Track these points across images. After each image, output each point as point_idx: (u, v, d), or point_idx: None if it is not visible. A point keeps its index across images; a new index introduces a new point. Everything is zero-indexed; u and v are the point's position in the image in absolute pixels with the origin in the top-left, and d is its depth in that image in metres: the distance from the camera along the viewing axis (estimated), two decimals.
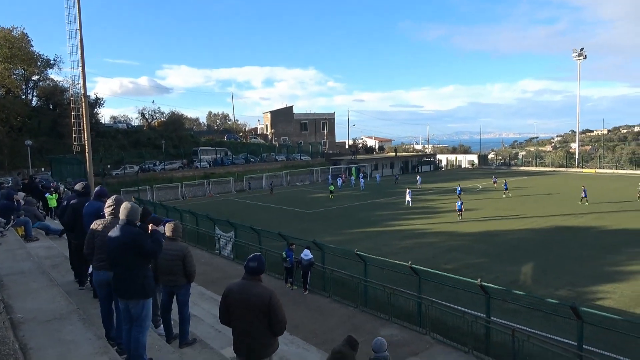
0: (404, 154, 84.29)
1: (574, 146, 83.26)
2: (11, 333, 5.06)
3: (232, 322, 4.87)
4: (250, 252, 16.05)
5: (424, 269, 12.52)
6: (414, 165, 73.98)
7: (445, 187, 47.01)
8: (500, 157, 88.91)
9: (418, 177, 52.64)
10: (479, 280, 10.69)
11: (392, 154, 79.66)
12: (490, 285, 10.99)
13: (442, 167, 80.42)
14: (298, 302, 13.68)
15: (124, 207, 5.46)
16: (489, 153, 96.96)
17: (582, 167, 68.16)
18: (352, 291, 13.56)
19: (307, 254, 14.58)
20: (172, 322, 7.09)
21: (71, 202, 8.28)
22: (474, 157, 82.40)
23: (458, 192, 37.69)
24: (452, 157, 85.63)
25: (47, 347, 5.16)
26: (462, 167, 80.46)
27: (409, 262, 12.26)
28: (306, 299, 14.06)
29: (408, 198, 37.02)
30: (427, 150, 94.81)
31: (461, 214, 29.64)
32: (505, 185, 41.60)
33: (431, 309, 11.20)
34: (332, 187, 43.23)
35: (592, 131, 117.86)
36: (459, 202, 30.36)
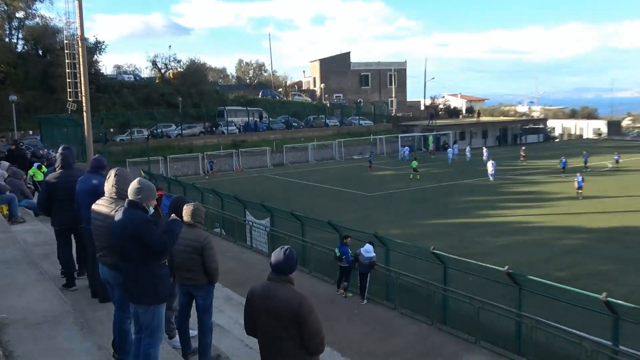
0: (501, 118, 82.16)
1: None
2: None
3: (257, 334, 4.94)
4: (291, 245, 16.28)
5: (527, 276, 12.26)
6: (515, 134, 72.00)
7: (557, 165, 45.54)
8: (639, 125, 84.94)
9: (485, 150, 51.41)
10: (605, 295, 10.34)
11: (480, 119, 77.39)
12: (621, 302, 10.61)
13: (556, 137, 77.80)
14: (353, 314, 13.78)
15: (131, 185, 5.63)
16: (624, 118, 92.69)
17: None
18: (426, 303, 13.50)
19: (368, 251, 14.63)
20: (190, 333, 7.31)
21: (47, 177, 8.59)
22: (601, 124, 79.18)
23: (563, 165, 40.79)
24: (569, 123, 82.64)
25: (36, 355, 5.47)
26: (584, 137, 77.52)
27: (506, 267, 12.04)
28: (364, 310, 14.14)
29: (490, 170, 38.97)
30: (534, 114, 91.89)
31: (580, 192, 31.63)
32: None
33: (535, 331, 11.00)
34: (415, 163, 42.22)
35: None
36: (580, 177, 32.05)
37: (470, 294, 12.73)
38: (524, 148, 52.64)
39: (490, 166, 39.68)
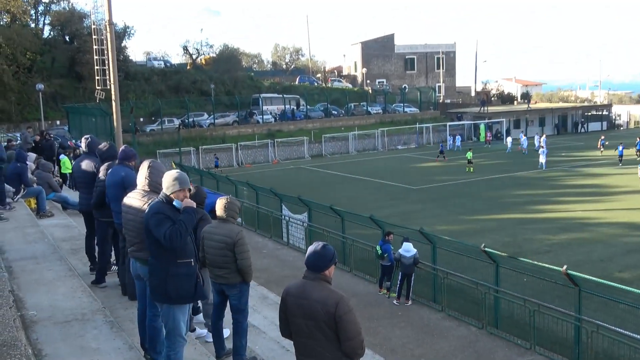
0: (560, 105, 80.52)
1: None
2: (23, 334, 5.60)
3: (292, 336, 4.96)
4: (329, 241, 16.36)
5: (587, 277, 12.06)
6: (576, 122, 70.52)
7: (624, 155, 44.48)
8: None
9: (509, 139, 52.59)
10: None
11: (531, 106, 75.38)
12: None
13: (622, 125, 75.91)
14: (397, 317, 13.81)
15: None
16: None
17: None
18: (476, 305, 13.45)
19: (408, 250, 14.59)
20: (224, 333, 7.43)
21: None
22: None
23: (602, 142, 45.78)
24: (638, 109, 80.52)
25: (65, 355, 5.67)
26: None
27: (564, 267, 11.86)
28: (408, 312, 14.15)
29: (542, 159, 39.97)
30: (597, 99, 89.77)
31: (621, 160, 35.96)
32: None
33: (596, 336, 10.84)
34: (470, 154, 41.44)
35: None
36: (620, 147, 36.19)
37: (524, 296, 12.63)
38: (602, 137, 49.40)
39: (542, 155, 40.52)
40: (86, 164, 9.00)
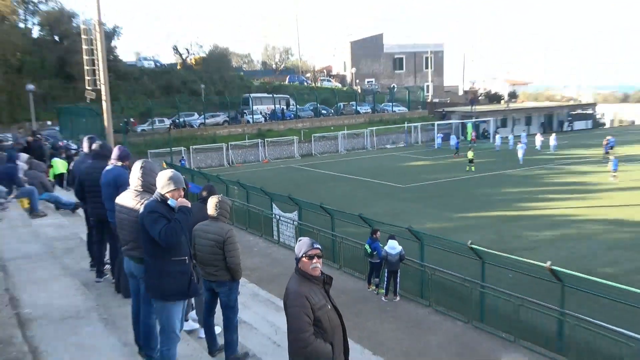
0: (547, 103, 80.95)
1: None
2: (19, 332, 5.70)
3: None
4: (319, 239, 16.48)
5: (570, 272, 12.25)
6: (561, 121, 70.95)
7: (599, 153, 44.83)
8: None
9: (497, 137, 53.67)
10: None
11: (510, 106, 75.07)
12: None
13: (605, 124, 76.44)
14: (385, 312, 13.95)
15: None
16: None
17: None
18: (463, 300, 13.61)
19: (393, 247, 14.72)
20: (215, 329, 7.54)
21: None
22: None
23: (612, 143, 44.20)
24: (621, 107, 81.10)
25: (61, 351, 5.76)
26: (638, 123, 76.04)
27: (548, 263, 12.04)
28: (397, 307, 14.29)
29: (520, 154, 41.98)
30: (582, 99, 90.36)
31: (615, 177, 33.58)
32: None
33: (578, 329, 11.01)
34: (471, 154, 40.72)
35: None
36: (614, 160, 33.93)
37: (509, 291, 12.77)
38: (609, 138, 47.29)
39: (519, 149, 43.00)
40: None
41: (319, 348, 4.82)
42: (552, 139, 49.18)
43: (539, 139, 51.49)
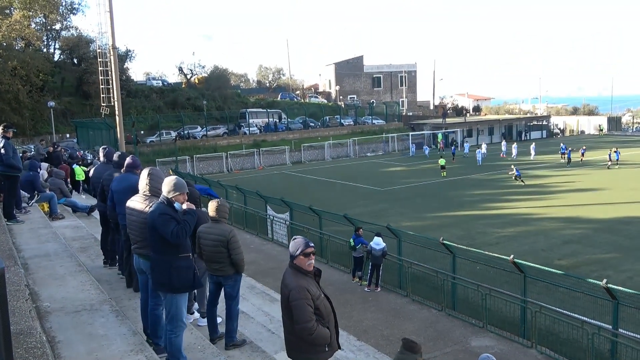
0: (507, 116, 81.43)
1: None
2: (38, 324, 5.52)
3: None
4: (308, 236, 16.34)
5: (531, 264, 12.22)
6: (519, 131, 71.38)
7: (557, 158, 45.07)
8: (638, 121, 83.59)
9: (466, 145, 55.55)
10: (605, 281, 10.29)
11: (467, 119, 74.76)
12: (620, 288, 10.55)
13: (558, 133, 76.98)
14: (368, 302, 13.84)
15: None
16: (624, 114, 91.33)
17: None
18: (437, 290, 13.53)
19: (378, 243, 14.64)
20: (217, 319, 7.44)
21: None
22: (602, 120, 78.09)
23: (582, 152, 43.50)
24: (572, 119, 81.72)
25: (76, 341, 5.60)
26: (587, 132, 76.64)
27: (511, 256, 12.00)
28: (378, 297, 14.18)
29: (478, 157, 44.59)
30: (537, 112, 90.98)
31: (521, 180, 34.11)
32: (617, 154, 40.27)
33: (539, 316, 10.97)
34: (443, 161, 40.29)
35: None
36: (517, 170, 34.60)
37: (477, 282, 12.76)
38: (584, 148, 45.91)
39: (477, 154, 45.36)
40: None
41: (322, 332, 4.98)
42: (514, 148, 49.22)
43: (504, 146, 52.26)
